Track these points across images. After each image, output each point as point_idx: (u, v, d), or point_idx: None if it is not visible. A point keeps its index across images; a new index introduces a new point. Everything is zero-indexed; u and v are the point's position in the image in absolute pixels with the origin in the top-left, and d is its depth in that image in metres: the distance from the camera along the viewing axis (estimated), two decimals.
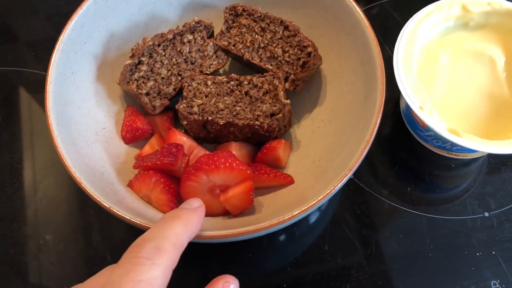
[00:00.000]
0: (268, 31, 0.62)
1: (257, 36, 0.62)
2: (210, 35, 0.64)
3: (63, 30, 0.57)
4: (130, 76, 0.59)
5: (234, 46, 0.63)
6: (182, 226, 0.41)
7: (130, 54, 0.60)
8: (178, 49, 0.61)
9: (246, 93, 0.59)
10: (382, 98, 0.53)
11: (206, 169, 0.51)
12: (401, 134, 0.68)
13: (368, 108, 0.55)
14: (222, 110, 0.59)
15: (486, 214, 0.62)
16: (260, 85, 0.59)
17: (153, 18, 0.66)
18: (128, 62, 0.58)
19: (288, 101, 0.58)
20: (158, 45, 0.60)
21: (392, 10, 0.79)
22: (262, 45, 0.62)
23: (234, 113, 0.58)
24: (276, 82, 0.59)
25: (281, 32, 0.62)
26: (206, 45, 0.63)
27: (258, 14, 0.62)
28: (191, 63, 0.62)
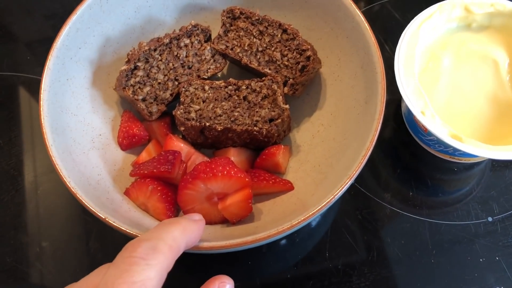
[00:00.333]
0: (266, 35, 0.61)
1: (255, 39, 0.61)
2: (208, 39, 0.63)
3: (57, 36, 0.56)
4: (126, 82, 0.58)
5: (232, 50, 0.62)
6: (180, 230, 0.40)
7: (126, 59, 0.59)
8: (175, 53, 0.60)
9: (244, 98, 0.58)
10: (382, 104, 0.52)
11: (203, 177, 0.50)
12: (402, 137, 0.67)
13: (368, 113, 0.54)
14: (220, 115, 0.58)
15: (490, 219, 0.61)
16: (258, 89, 0.58)
17: (149, 22, 0.65)
18: (123, 68, 0.57)
19: (287, 106, 0.57)
20: (154, 49, 0.59)
21: (393, 10, 0.78)
22: (260, 48, 0.61)
23: (232, 118, 0.57)
24: (274, 87, 0.58)
25: (279, 35, 0.60)
26: (204, 49, 0.62)
27: (256, 17, 0.61)
28: (188, 68, 0.61)
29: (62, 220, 0.63)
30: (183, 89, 0.59)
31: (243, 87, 0.59)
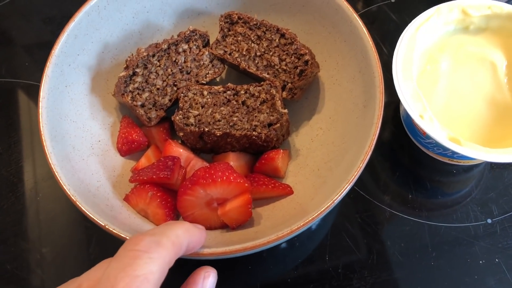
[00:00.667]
0: (264, 39, 0.61)
1: (253, 44, 0.61)
2: (206, 44, 0.63)
3: (55, 43, 0.56)
4: (124, 88, 0.58)
5: (230, 55, 0.62)
6: (183, 230, 0.41)
7: (125, 66, 0.59)
8: (173, 59, 0.60)
9: (243, 102, 0.59)
10: (381, 108, 0.52)
11: (203, 183, 0.50)
12: (401, 139, 0.67)
13: (367, 117, 0.54)
14: (219, 120, 0.58)
15: (489, 220, 0.62)
16: (257, 94, 0.59)
17: (147, 27, 0.65)
18: (122, 74, 0.57)
19: (285, 110, 0.57)
20: (153, 55, 0.59)
21: (390, 12, 0.78)
22: (258, 53, 0.61)
23: (231, 123, 0.57)
24: (273, 91, 0.58)
25: (277, 40, 0.61)
26: (202, 54, 0.62)
27: (254, 22, 0.61)
28: (187, 73, 0.61)
29: (63, 226, 0.63)
30: (182, 94, 0.59)
31: (242, 92, 0.59)
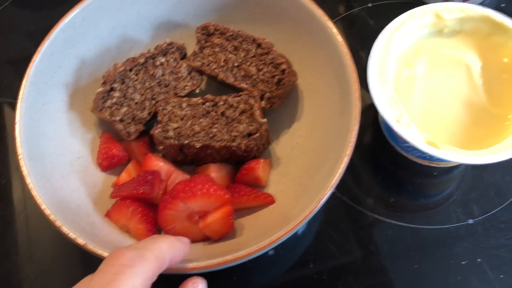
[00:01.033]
0: (241, 50, 0.61)
1: (230, 55, 0.61)
2: (183, 56, 0.63)
3: (31, 61, 0.56)
4: (102, 103, 0.58)
5: (207, 66, 0.62)
6: (167, 244, 0.41)
7: (102, 81, 0.59)
8: (151, 72, 0.60)
9: (222, 113, 0.59)
10: (358, 115, 0.53)
11: (183, 196, 0.50)
12: (382, 143, 0.68)
13: (344, 123, 0.54)
14: (199, 132, 0.58)
15: (470, 221, 0.62)
16: (236, 105, 0.59)
17: (124, 41, 0.65)
18: (100, 90, 0.57)
19: (264, 120, 0.58)
20: (130, 70, 0.59)
21: (368, 17, 0.79)
22: (236, 64, 0.61)
23: (211, 135, 0.57)
24: (251, 101, 0.58)
25: (254, 50, 0.61)
26: (180, 66, 0.62)
27: (230, 33, 0.61)
28: (165, 86, 0.61)
29: (46, 245, 0.62)
30: (161, 107, 0.59)
31: (221, 103, 0.59)
